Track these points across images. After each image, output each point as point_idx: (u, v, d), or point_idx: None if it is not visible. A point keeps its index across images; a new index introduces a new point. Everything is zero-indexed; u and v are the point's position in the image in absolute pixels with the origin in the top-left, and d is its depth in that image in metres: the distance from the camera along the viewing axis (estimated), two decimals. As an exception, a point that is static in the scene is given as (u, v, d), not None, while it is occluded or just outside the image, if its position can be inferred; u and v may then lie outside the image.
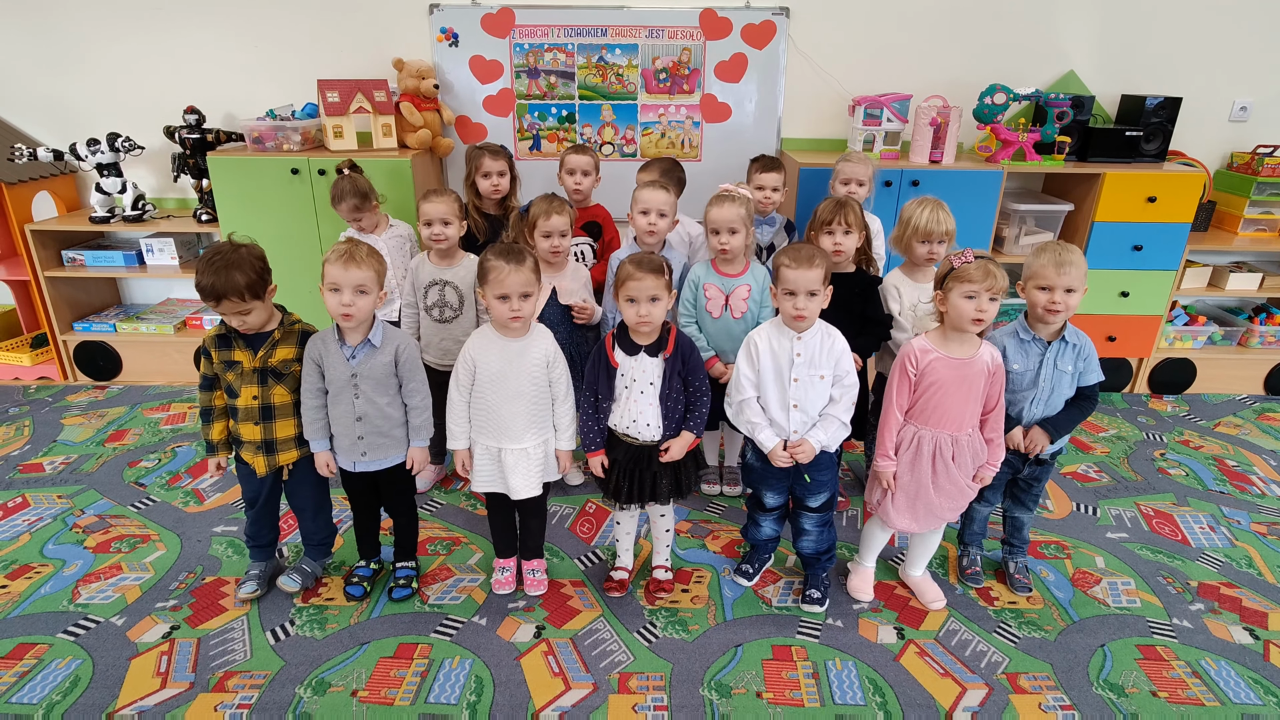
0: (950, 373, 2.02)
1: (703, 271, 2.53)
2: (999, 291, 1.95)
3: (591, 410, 2.16)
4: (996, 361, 2.05)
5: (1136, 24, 3.58)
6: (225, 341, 2.08)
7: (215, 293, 1.94)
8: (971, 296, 1.95)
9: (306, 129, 3.41)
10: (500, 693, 1.99)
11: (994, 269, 1.95)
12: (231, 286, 1.93)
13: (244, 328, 2.04)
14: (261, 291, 2.00)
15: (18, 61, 3.59)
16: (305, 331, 2.13)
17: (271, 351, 2.07)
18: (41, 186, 3.61)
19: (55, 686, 1.98)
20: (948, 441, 2.06)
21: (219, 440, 2.16)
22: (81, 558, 2.48)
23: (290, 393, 2.12)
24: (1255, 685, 2.05)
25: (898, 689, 2.02)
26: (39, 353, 3.78)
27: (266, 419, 2.11)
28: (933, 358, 2.03)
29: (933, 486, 2.10)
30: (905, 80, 3.60)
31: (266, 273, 2.03)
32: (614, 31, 3.55)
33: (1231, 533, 2.70)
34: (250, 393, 2.08)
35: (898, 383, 2.08)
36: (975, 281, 1.94)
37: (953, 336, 2.04)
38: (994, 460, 2.13)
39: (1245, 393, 3.84)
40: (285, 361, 2.09)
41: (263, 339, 2.07)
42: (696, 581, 2.41)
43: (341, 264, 1.97)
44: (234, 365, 2.07)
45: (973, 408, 2.05)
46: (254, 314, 2.01)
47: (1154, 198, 3.36)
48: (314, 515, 2.32)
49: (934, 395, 2.04)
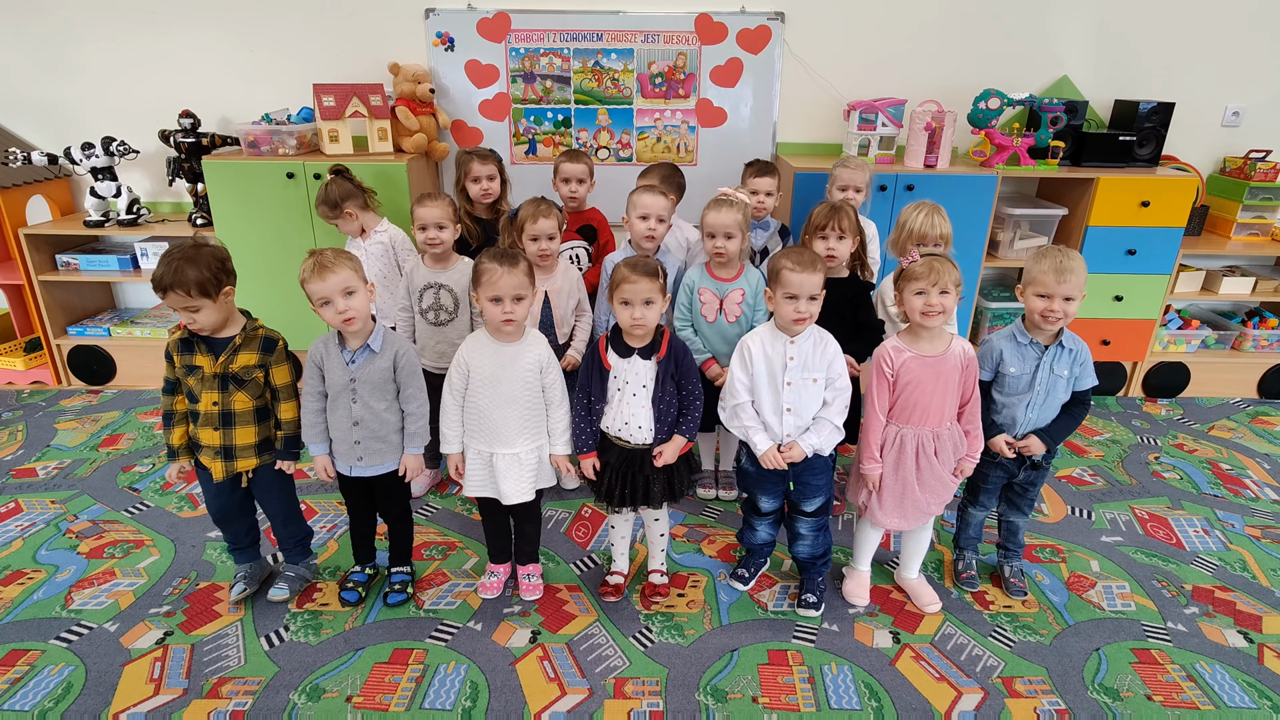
0: (925, 370, 2.05)
1: (697, 276, 2.54)
2: (950, 284, 1.99)
3: (584, 412, 2.16)
4: (968, 354, 2.08)
5: (1130, 30, 3.60)
6: (188, 345, 2.05)
7: (163, 284, 1.92)
8: (920, 293, 2.00)
9: (302, 133, 3.40)
10: (495, 698, 1.98)
11: (939, 264, 1.99)
12: (179, 280, 1.90)
13: (194, 326, 2.01)
14: (213, 291, 1.95)
15: (12, 65, 3.58)
16: (268, 338, 2.09)
17: (233, 357, 2.04)
18: (36, 190, 3.61)
19: (48, 693, 1.97)
20: (929, 437, 2.09)
21: (179, 445, 2.13)
22: (74, 563, 2.47)
23: (251, 399, 2.08)
24: (1250, 689, 2.05)
25: (893, 693, 2.02)
26: (32, 357, 3.77)
27: (226, 425, 2.08)
28: (906, 357, 2.06)
29: (918, 483, 2.13)
30: (900, 85, 3.61)
31: (223, 275, 1.99)
32: (610, 36, 3.56)
33: (1225, 536, 2.71)
34: (210, 398, 2.05)
35: (876, 385, 2.10)
36: (921, 279, 1.99)
37: (921, 334, 2.07)
38: (973, 451, 2.15)
39: (1239, 396, 3.85)
40: (246, 368, 2.06)
41: (224, 344, 2.04)
42: (692, 586, 2.41)
43: (318, 277, 1.96)
44: (195, 370, 2.04)
45: (950, 401, 2.08)
46: (203, 313, 1.97)
47: (1147, 202, 3.37)
48: (285, 520, 2.29)
49: (912, 393, 2.06)
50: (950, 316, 2.05)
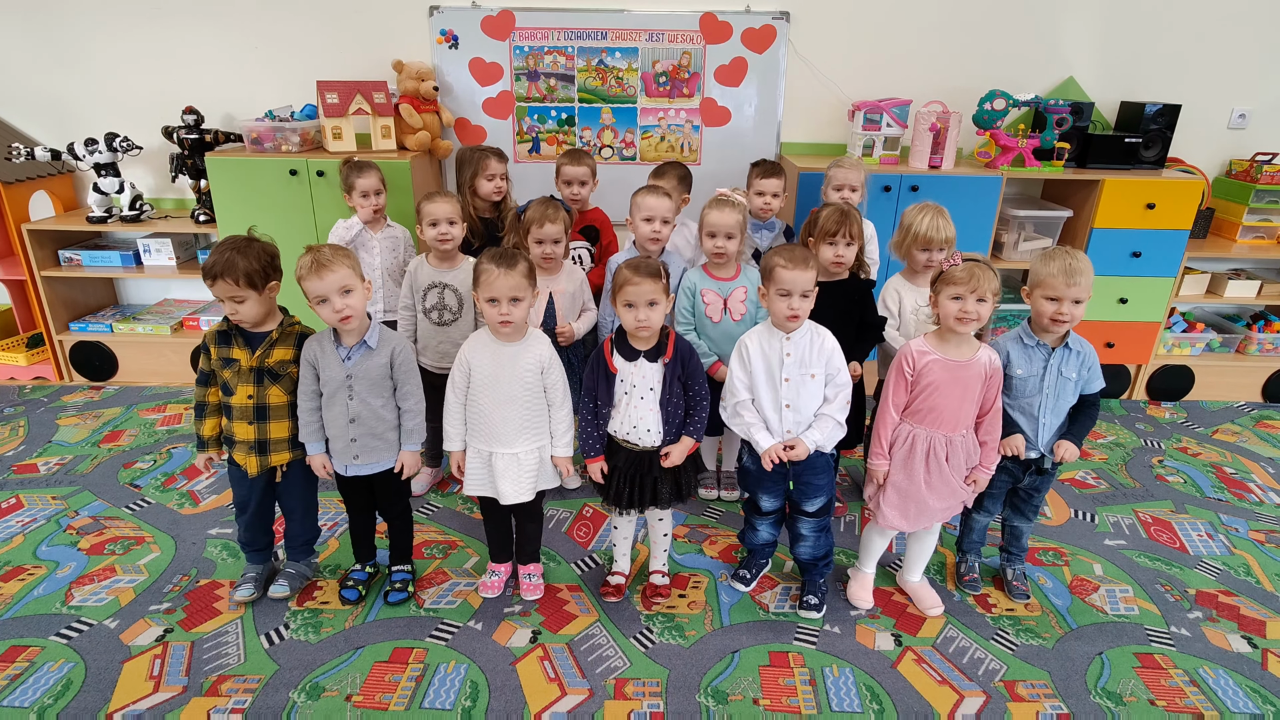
0: (947, 374, 2.03)
1: (698, 278, 2.53)
2: (988, 293, 1.96)
3: (590, 416, 2.14)
4: (995, 364, 2.06)
5: (1136, 31, 3.59)
6: (225, 338, 2.08)
7: (213, 271, 1.96)
8: (957, 298, 1.98)
9: (305, 130, 3.40)
10: (495, 698, 1.97)
11: (980, 271, 1.96)
12: (229, 268, 1.95)
13: (236, 318, 2.03)
14: (260, 284, 2.00)
15: (16, 60, 3.58)
16: (303, 334, 2.13)
17: (269, 351, 2.07)
18: (39, 186, 3.61)
19: (47, 690, 1.96)
20: (941, 441, 2.08)
21: (210, 436, 2.15)
22: (75, 560, 2.46)
23: (286, 394, 2.12)
24: (1254, 694, 2.04)
25: (895, 696, 2.01)
26: (35, 353, 3.77)
27: (261, 419, 2.11)
28: (930, 359, 2.04)
29: (925, 485, 2.11)
30: (905, 85, 3.60)
31: (271, 270, 2.04)
32: (614, 35, 3.55)
33: (1230, 540, 2.70)
34: (246, 391, 2.08)
35: (894, 383, 2.09)
36: (960, 284, 1.97)
37: (950, 338, 2.05)
38: (987, 463, 2.13)
39: (1243, 400, 3.84)
40: (282, 363, 2.09)
41: (261, 338, 2.08)
42: (694, 586, 2.40)
43: (316, 275, 1.96)
44: (232, 363, 2.07)
45: (968, 409, 2.06)
46: (247, 304, 2.00)
47: (1153, 204, 3.36)
48: (303, 517, 2.31)
49: (930, 396, 2.04)
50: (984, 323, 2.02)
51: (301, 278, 1.98)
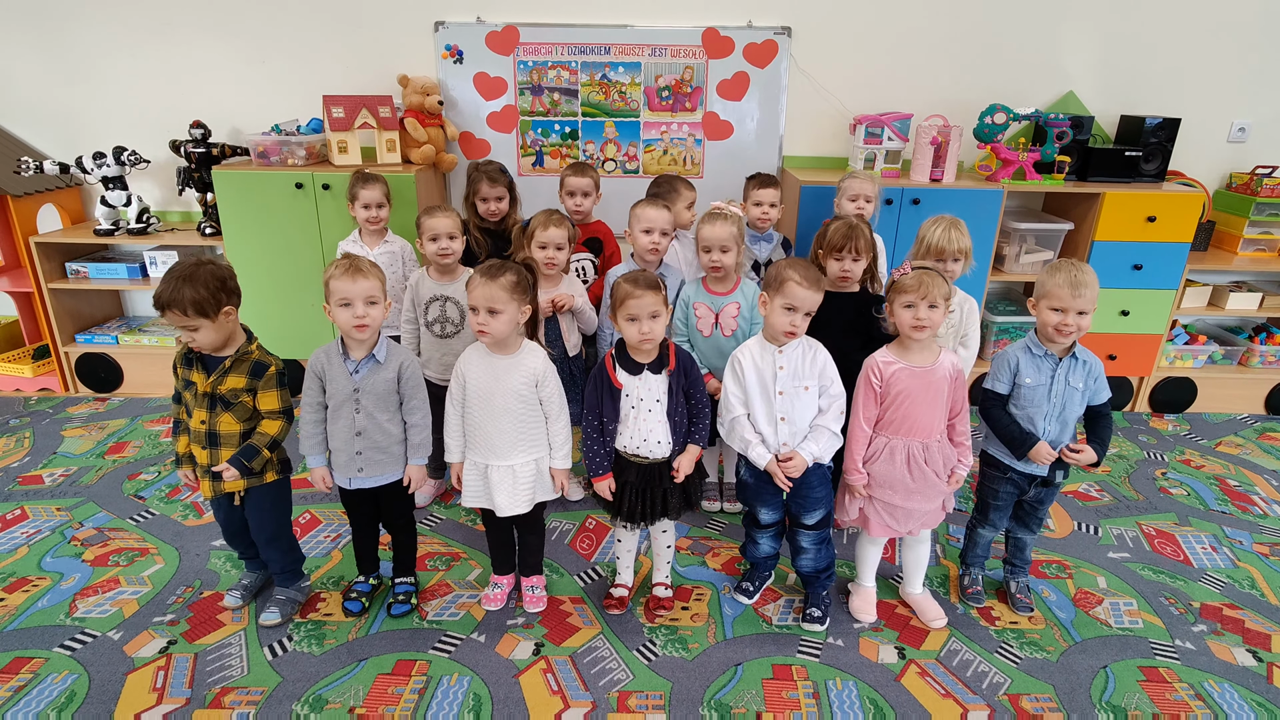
0: (914, 381, 2.06)
1: (693, 290, 2.54)
2: (939, 299, 2.00)
3: (597, 434, 2.13)
4: (957, 368, 2.10)
5: (1136, 45, 3.61)
6: (188, 360, 2.05)
7: (160, 302, 1.92)
8: (910, 305, 2.01)
9: (311, 144, 3.43)
10: (498, 710, 1.97)
11: (929, 278, 1.99)
12: (176, 299, 1.89)
13: (194, 345, 2.00)
14: (211, 311, 1.93)
15: (26, 74, 3.62)
16: (260, 362, 2.06)
17: (221, 379, 2.02)
18: (47, 199, 3.63)
19: (51, 701, 1.96)
20: (919, 448, 2.10)
21: (184, 454, 2.14)
22: (79, 571, 2.47)
23: (238, 422, 2.06)
24: (1259, 708, 2.03)
25: (899, 709, 2.00)
26: (41, 364, 3.78)
27: (212, 444, 2.06)
28: (895, 369, 2.07)
29: (909, 490, 2.12)
30: (906, 99, 3.62)
31: (223, 294, 1.96)
32: (617, 50, 3.58)
33: (1234, 553, 2.69)
34: (200, 416, 2.04)
35: (863, 396, 2.11)
36: (911, 291, 2.01)
37: (911, 346, 2.08)
38: (965, 460, 2.16)
39: (1246, 412, 3.83)
40: (233, 391, 2.03)
41: (218, 363, 2.03)
42: (696, 599, 2.40)
43: (349, 277, 1.97)
44: (190, 385, 2.05)
45: (939, 414, 2.09)
46: (201, 332, 1.95)
47: (1154, 217, 3.37)
48: (268, 543, 2.23)
49: (901, 405, 2.07)
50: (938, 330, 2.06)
51: (331, 278, 1.99)
